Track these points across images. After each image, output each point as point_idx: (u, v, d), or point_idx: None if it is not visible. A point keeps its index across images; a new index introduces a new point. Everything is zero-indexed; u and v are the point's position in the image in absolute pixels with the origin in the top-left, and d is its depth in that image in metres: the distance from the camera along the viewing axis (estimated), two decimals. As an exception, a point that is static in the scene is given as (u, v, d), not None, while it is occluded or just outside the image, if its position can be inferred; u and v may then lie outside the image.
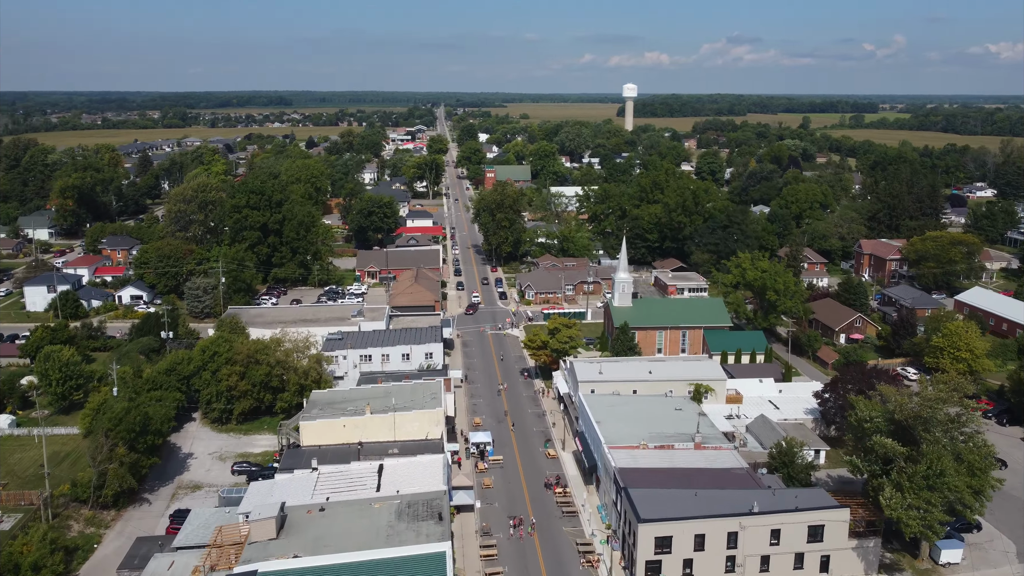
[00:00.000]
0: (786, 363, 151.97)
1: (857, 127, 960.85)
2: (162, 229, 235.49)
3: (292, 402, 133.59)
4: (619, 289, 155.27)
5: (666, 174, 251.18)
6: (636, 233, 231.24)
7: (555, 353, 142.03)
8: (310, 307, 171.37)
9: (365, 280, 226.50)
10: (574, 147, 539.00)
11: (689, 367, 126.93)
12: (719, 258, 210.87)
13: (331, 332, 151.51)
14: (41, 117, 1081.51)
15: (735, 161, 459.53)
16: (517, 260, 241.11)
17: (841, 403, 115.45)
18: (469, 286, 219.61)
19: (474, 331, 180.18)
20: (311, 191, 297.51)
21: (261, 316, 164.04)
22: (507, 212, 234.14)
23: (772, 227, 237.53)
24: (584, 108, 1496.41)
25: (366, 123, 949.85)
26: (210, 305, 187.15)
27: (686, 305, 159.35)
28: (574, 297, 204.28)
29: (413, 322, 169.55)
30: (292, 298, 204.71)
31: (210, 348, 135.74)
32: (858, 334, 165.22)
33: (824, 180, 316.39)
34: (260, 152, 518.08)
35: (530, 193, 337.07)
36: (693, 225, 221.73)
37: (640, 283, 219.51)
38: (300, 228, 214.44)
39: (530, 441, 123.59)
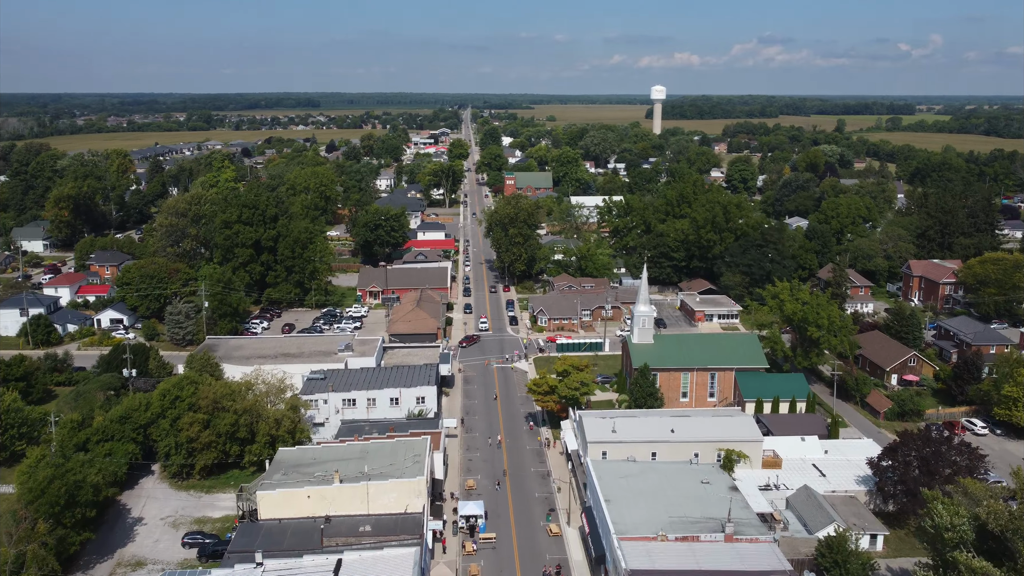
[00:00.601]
0: (831, 413, 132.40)
1: (894, 130, 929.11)
2: (153, 244, 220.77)
3: (263, 455, 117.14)
4: (638, 324, 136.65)
5: (694, 186, 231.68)
6: (661, 252, 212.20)
7: (564, 400, 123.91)
8: (295, 338, 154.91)
9: (367, 301, 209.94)
10: (599, 152, 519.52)
11: (718, 425, 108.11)
12: (752, 281, 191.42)
13: (313, 371, 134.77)
14: (68, 120, 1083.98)
15: (767, 167, 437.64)
16: (531, 279, 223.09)
17: (902, 477, 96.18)
18: (478, 309, 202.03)
19: (478, 363, 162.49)
20: (318, 201, 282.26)
21: (240, 349, 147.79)
22: (521, 227, 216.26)
23: (810, 245, 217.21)
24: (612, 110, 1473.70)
25: (390, 126, 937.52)
26: (192, 332, 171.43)
27: (715, 342, 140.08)
28: (591, 324, 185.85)
29: (409, 355, 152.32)
30: (285, 322, 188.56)
31: (171, 392, 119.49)
32: (913, 375, 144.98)
33: (865, 191, 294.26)
34: (276, 157, 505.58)
35: (549, 203, 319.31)
36: (724, 243, 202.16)
37: (665, 306, 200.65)
38: (296, 245, 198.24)
39: (530, 511, 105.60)
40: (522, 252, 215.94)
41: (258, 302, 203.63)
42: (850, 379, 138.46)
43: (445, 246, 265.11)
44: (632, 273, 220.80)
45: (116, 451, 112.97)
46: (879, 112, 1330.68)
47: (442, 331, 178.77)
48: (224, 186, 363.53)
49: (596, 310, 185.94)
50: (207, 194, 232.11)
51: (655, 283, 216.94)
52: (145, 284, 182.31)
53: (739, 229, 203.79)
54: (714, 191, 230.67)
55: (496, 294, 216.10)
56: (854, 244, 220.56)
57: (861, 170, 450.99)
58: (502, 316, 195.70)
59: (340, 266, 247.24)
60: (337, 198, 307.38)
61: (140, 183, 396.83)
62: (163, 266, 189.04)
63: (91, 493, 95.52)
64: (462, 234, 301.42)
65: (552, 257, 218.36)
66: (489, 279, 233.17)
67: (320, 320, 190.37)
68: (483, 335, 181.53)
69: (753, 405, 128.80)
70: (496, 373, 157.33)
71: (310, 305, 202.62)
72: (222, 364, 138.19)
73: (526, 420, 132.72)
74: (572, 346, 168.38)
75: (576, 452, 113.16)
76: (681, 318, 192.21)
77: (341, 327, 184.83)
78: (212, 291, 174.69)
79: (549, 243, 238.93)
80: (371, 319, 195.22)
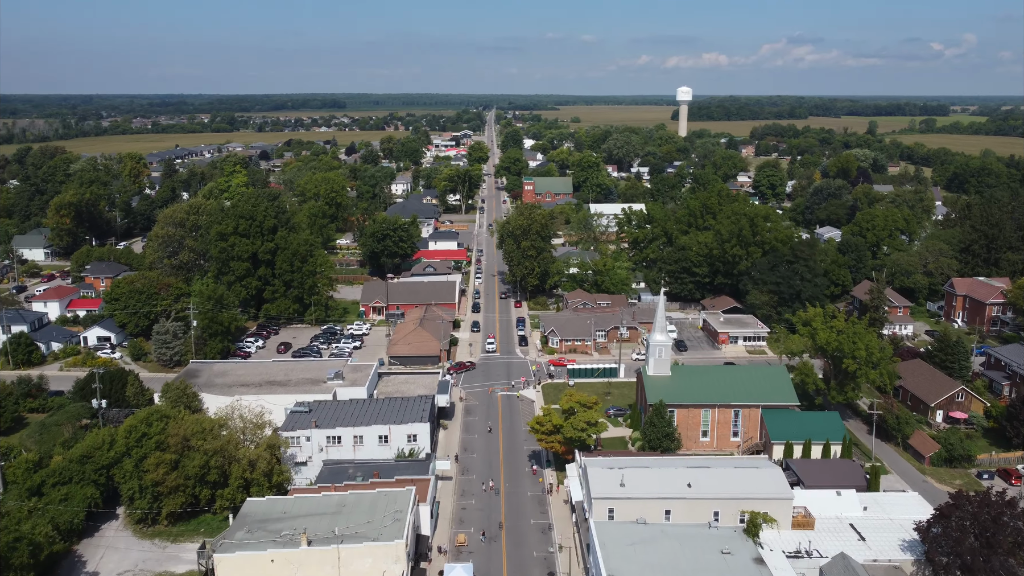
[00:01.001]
0: (869, 455, 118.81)
1: (928, 132, 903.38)
2: (150, 255, 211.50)
3: (237, 499, 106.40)
4: (654, 354, 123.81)
5: (719, 196, 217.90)
6: (683, 267, 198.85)
7: (569, 442, 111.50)
8: (284, 364, 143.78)
9: (370, 317, 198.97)
10: (622, 156, 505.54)
11: (742, 479, 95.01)
12: (781, 300, 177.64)
13: (298, 402, 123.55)
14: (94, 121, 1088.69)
15: (796, 172, 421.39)
16: (545, 294, 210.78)
17: (956, 548, 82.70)
18: (487, 327, 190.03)
19: (482, 390, 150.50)
20: (325, 208, 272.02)
21: (223, 376, 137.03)
22: (534, 239, 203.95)
23: (844, 259, 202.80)
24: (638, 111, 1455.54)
25: (412, 127, 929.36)
26: (180, 352, 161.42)
27: (740, 375, 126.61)
28: (606, 345, 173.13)
29: (406, 383, 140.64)
30: (281, 341, 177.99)
31: (137, 428, 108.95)
32: (960, 412, 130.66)
33: (902, 199, 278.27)
34: (293, 160, 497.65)
35: (568, 210, 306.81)
36: (750, 259, 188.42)
37: (686, 326, 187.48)
38: (295, 258, 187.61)
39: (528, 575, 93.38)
40: (535, 266, 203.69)
41: (255, 318, 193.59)
42: (891, 417, 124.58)
43: (457, 257, 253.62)
44: (652, 288, 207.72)
45: (74, 495, 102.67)
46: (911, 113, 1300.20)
47: (446, 352, 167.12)
48: (235, 192, 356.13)
49: (611, 331, 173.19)
50: (206, 203, 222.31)
51: (676, 300, 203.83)
52: (134, 300, 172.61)
53: (767, 243, 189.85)
54: (740, 201, 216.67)
55: (506, 311, 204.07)
56: (891, 259, 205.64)
57: (895, 175, 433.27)
58: (511, 336, 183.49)
59: (346, 277, 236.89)
60: (348, 204, 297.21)
61: (154, 187, 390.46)
62: (154, 280, 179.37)
63: (27, 555, 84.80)
64: (476, 243, 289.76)
65: (566, 271, 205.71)
66: (501, 293, 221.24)
67: (319, 339, 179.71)
68: (490, 357, 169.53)
69: (782, 448, 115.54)
70: (500, 402, 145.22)
71: (309, 321, 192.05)
72: (201, 394, 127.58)
73: (529, 461, 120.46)
74: (584, 371, 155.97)
75: (580, 504, 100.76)
76: (703, 340, 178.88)
77: (339, 347, 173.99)
78: (202, 308, 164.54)
79: (564, 255, 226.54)
80: (372, 338, 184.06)
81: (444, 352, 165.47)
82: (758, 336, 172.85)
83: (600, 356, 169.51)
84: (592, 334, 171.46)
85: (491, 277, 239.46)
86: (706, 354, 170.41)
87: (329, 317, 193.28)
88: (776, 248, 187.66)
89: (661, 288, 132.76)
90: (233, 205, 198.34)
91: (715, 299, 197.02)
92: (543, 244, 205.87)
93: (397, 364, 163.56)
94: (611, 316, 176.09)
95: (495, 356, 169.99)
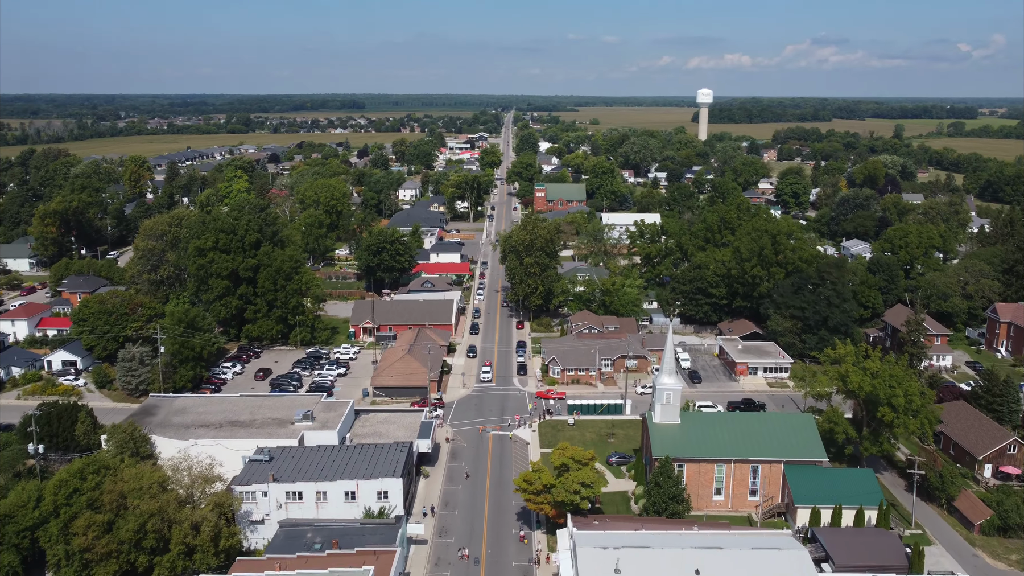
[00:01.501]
0: (910, 525, 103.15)
1: (957, 135, 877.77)
2: (131, 269, 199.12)
3: (178, 568, 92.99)
4: (662, 399, 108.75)
5: (738, 211, 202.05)
6: (698, 287, 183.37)
7: (561, 505, 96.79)
8: (252, 400, 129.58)
9: (360, 338, 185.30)
10: (639, 160, 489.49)
11: (761, 564, 79.83)
12: (805, 327, 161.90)
13: (259, 448, 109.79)
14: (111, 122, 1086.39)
15: (821, 179, 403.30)
16: (549, 314, 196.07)
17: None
18: (484, 352, 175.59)
19: (471, 428, 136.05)
20: (322, 217, 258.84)
21: (182, 414, 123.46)
22: (538, 255, 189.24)
23: (874, 280, 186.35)
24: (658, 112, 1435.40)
25: (428, 129, 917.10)
26: (147, 380, 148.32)
27: (760, 425, 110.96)
28: (612, 376, 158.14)
29: (385, 423, 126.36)
30: (260, 367, 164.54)
31: (68, 483, 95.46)
32: (1013, 467, 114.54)
33: (935, 211, 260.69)
34: (301, 164, 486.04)
35: (579, 220, 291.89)
36: (772, 279, 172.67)
37: (701, 353, 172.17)
38: (279, 276, 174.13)
39: (503, 676, 78.89)
40: (538, 284, 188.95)
41: (237, 339, 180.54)
42: (933, 476, 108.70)
43: (458, 271, 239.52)
44: (664, 309, 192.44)
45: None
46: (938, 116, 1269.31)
47: (436, 384, 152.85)
48: (235, 197, 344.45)
49: (618, 360, 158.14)
50: (189, 214, 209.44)
51: (690, 322, 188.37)
52: (102, 321, 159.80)
53: (790, 263, 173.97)
54: (761, 215, 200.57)
55: (507, 332, 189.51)
56: (926, 280, 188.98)
57: (925, 183, 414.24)
58: (510, 363, 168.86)
59: (340, 292, 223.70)
60: (349, 212, 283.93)
61: (157, 191, 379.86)
62: (127, 299, 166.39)
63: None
64: (481, 254, 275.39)
65: (573, 290, 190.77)
66: (503, 312, 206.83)
67: (302, 364, 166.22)
68: (484, 388, 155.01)
69: (807, 513, 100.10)
70: (492, 443, 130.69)
71: (294, 343, 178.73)
72: (153, 436, 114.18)
73: (517, 522, 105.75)
74: (586, 407, 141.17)
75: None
76: (719, 369, 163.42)
77: (322, 374, 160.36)
78: (172, 332, 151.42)
79: (571, 271, 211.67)
80: (360, 363, 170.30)
81: (434, 383, 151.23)
82: (780, 367, 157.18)
83: (605, 388, 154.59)
84: (597, 363, 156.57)
85: (494, 293, 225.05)
86: (722, 386, 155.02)
87: (315, 339, 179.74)
88: (801, 269, 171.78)
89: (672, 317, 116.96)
90: (214, 218, 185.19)
91: (733, 323, 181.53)
92: (548, 261, 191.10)
93: (382, 395, 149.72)
94: (618, 343, 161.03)
95: (490, 387, 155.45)
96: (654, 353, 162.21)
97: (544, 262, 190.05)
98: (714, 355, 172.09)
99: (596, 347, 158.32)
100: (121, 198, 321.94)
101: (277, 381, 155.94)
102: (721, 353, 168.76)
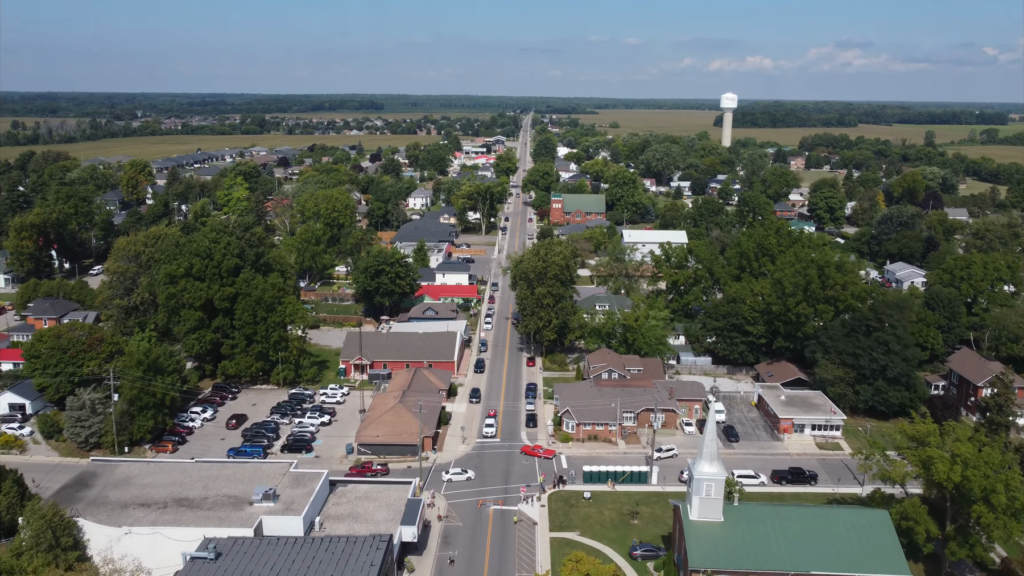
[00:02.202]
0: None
1: (990, 143, 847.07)
2: (100, 293, 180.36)
3: None
4: (700, 491, 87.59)
5: (777, 236, 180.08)
6: (733, 323, 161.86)
7: (572, 639, 75.99)
8: (208, 467, 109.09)
9: (351, 375, 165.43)
10: (661, 168, 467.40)
11: None
12: (859, 376, 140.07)
13: (206, 538, 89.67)
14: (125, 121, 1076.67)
15: (855, 192, 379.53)
16: (563, 351, 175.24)
17: None
18: (490, 396, 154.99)
19: (469, 503, 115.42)
20: (319, 233, 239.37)
21: (125, 485, 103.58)
22: (552, 285, 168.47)
23: (933, 317, 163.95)
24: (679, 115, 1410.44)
25: (444, 131, 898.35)
26: (99, 431, 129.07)
27: (822, 524, 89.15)
28: (635, 431, 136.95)
29: (365, 499, 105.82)
30: (234, 413, 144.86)
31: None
32: None
33: (991, 233, 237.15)
34: (309, 169, 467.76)
35: (599, 235, 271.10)
36: (821, 318, 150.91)
37: (736, 402, 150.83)
38: (259, 307, 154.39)
39: None
40: (552, 317, 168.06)
41: (213, 376, 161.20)
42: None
43: (466, 294, 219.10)
44: (693, 347, 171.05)
45: None
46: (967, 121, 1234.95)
47: (431, 439, 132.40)
48: (235, 206, 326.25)
49: (643, 413, 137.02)
50: (167, 231, 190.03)
51: (723, 362, 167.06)
52: (55, 359, 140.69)
53: (840, 300, 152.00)
54: (803, 241, 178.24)
55: (516, 370, 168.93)
56: (992, 317, 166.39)
57: (966, 196, 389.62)
58: (518, 410, 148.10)
59: (336, 318, 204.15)
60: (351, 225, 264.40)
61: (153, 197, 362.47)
62: (87, 332, 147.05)
63: None
64: (492, 273, 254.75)
65: (590, 324, 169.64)
66: (512, 342, 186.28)
67: (282, 409, 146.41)
68: (487, 445, 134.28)
69: (887, 650, 78.74)
70: (492, 523, 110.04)
71: (276, 381, 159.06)
72: (81, 520, 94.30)
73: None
74: (603, 475, 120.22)
75: None
76: (759, 424, 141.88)
77: (303, 423, 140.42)
78: (131, 375, 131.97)
79: (590, 299, 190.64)
80: (348, 407, 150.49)
81: (428, 439, 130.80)
82: (831, 424, 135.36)
83: (627, 447, 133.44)
84: (618, 417, 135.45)
85: (503, 320, 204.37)
86: (763, 447, 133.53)
87: (300, 377, 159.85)
88: (853, 307, 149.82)
89: (712, 404, 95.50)
90: (189, 240, 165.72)
91: (772, 365, 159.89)
92: (563, 290, 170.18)
93: (368, 453, 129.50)
94: (642, 394, 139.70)
95: (494, 444, 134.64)
96: (684, 403, 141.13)
97: (559, 292, 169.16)
98: (751, 404, 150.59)
99: (617, 398, 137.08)
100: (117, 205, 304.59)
101: (250, 432, 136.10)
102: (760, 403, 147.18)
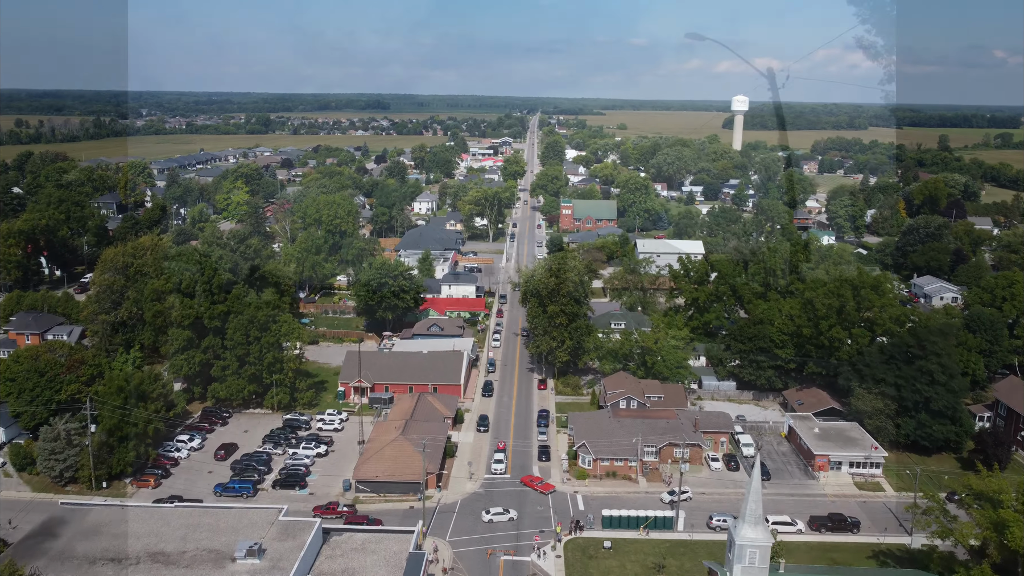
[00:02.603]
0: None
1: (1005, 147, 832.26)
2: (85, 307, 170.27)
3: None
4: (743, 559, 76.89)
5: (806, 251, 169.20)
6: (759, 345, 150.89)
7: None
8: (188, 512, 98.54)
9: (350, 398, 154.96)
10: (672, 172, 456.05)
11: None
12: (900, 408, 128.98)
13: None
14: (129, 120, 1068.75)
15: (874, 199, 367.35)
16: (577, 373, 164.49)
17: None
18: (498, 424, 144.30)
19: (478, 552, 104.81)
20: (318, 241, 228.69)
21: (92, 537, 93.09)
22: (564, 303, 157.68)
23: (974, 340, 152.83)
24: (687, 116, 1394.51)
25: (450, 132, 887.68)
26: (74, 465, 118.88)
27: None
28: (656, 467, 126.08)
29: (362, 551, 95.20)
30: (223, 442, 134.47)
31: None
32: None
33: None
34: (312, 171, 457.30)
35: (611, 245, 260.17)
36: (856, 344, 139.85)
37: (764, 433, 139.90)
38: (251, 327, 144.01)
39: None
40: (564, 337, 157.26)
41: (203, 399, 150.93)
42: None
43: (473, 307, 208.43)
44: (716, 370, 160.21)
45: None
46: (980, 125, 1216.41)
47: (436, 477, 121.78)
48: (234, 211, 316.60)
49: (665, 448, 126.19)
50: (157, 242, 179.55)
51: (749, 388, 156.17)
52: (31, 382, 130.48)
53: (878, 324, 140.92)
54: (833, 259, 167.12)
55: (527, 394, 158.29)
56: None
57: (989, 204, 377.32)
58: (530, 441, 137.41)
59: (336, 333, 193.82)
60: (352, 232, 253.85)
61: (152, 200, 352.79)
62: (66, 353, 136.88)
63: None
64: (500, 285, 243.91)
65: (606, 346, 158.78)
66: (522, 361, 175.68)
67: (276, 437, 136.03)
68: (496, 481, 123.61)
69: None
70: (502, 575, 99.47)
71: (271, 405, 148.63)
72: None
73: None
74: (624, 521, 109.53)
75: None
76: (790, 459, 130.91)
77: (297, 454, 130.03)
78: (110, 404, 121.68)
79: (604, 317, 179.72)
80: (347, 435, 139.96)
81: (432, 476, 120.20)
82: (871, 462, 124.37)
83: (649, 485, 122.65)
84: (639, 452, 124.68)
85: (513, 336, 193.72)
86: (797, 486, 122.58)
87: (296, 401, 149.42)
88: (892, 332, 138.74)
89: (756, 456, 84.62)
90: (178, 254, 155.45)
91: (802, 392, 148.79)
92: (576, 309, 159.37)
93: (367, 490, 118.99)
94: (665, 426, 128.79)
95: (504, 480, 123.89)
96: (710, 436, 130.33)
97: (572, 310, 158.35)
98: (781, 435, 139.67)
99: (638, 431, 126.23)
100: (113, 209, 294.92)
101: (240, 465, 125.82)
102: (791, 435, 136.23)
